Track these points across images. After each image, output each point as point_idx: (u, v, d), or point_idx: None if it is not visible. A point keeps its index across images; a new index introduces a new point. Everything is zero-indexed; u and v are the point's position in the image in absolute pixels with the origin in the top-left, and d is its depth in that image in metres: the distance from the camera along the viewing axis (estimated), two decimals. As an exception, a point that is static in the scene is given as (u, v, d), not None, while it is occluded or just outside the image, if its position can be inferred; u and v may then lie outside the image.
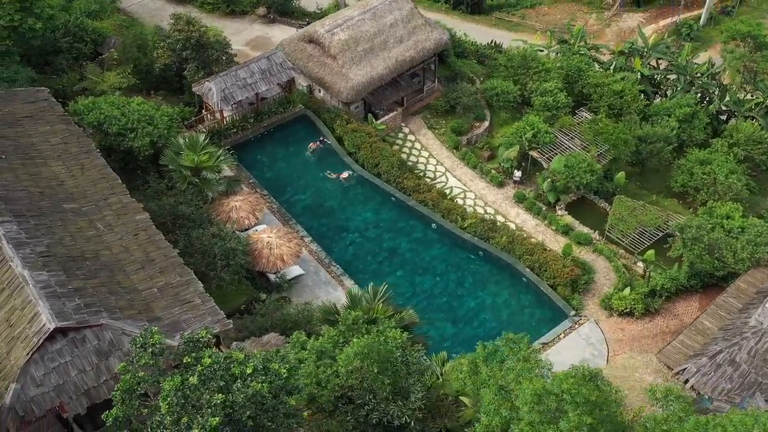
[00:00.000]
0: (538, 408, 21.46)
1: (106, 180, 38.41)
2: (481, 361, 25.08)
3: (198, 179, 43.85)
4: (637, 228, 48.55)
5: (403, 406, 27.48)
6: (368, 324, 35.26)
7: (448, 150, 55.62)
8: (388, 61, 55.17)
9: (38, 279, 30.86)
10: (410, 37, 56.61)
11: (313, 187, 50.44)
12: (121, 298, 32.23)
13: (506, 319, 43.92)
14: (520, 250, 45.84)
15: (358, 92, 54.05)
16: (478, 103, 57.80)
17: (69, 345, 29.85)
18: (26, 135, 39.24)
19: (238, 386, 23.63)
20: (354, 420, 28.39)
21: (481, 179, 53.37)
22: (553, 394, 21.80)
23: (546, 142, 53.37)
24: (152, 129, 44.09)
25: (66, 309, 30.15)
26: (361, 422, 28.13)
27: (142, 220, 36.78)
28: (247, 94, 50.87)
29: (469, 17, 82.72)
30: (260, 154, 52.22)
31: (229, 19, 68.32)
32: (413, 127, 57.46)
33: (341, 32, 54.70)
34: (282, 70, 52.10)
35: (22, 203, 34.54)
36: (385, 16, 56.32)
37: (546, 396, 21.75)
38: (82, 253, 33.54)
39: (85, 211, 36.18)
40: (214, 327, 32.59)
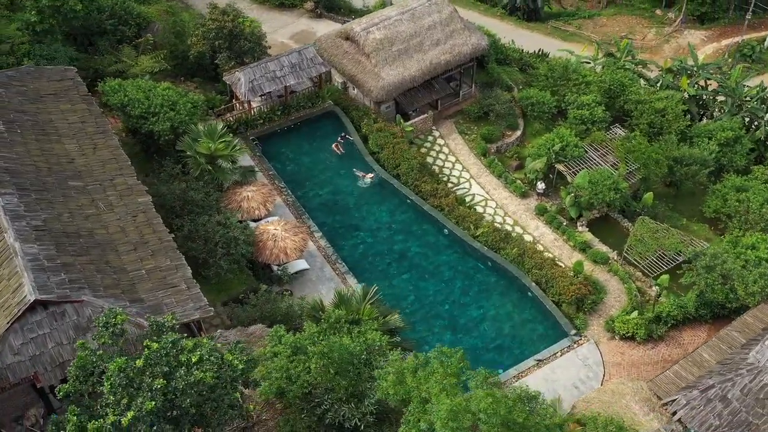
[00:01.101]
0: (452, 425, 21.18)
1: (116, 161, 39.34)
2: (409, 371, 24.85)
3: (212, 167, 44.49)
4: (657, 251, 47.37)
5: (355, 408, 27.46)
6: (351, 324, 35.32)
7: (475, 157, 55.15)
8: (422, 63, 54.99)
9: (28, 251, 31.87)
10: (447, 41, 56.28)
11: (332, 184, 50.71)
12: (107, 276, 33.02)
13: (507, 331, 43.40)
14: (530, 263, 45.19)
15: (389, 92, 54.04)
16: (512, 112, 57.12)
17: (49, 318, 30.74)
18: (46, 112, 40.50)
19: (181, 373, 23.98)
20: (308, 417, 28.49)
21: (505, 189, 52.77)
22: (469, 413, 21.49)
23: (574, 156, 52.47)
24: (174, 115, 44.96)
25: (49, 283, 31.05)
26: (315, 421, 28.21)
27: (143, 202, 37.58)
28: (276, 86, 51.41)
29: (524, 24, 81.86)
30: (284, 146, 52.74)
31: (277, 11, 69.14)
32: (444, 131, 57.15)
33: (377, 31, 54.76)
34: (312, 65, 52.47)
35: (27, 177, 35.69)
36: (424, 18, 56.14)
37: (462, 413, 21.46)
38: (77, 230, 34.49)
39: (89, 189, 37.17)
40: (193, 313, 33.13)
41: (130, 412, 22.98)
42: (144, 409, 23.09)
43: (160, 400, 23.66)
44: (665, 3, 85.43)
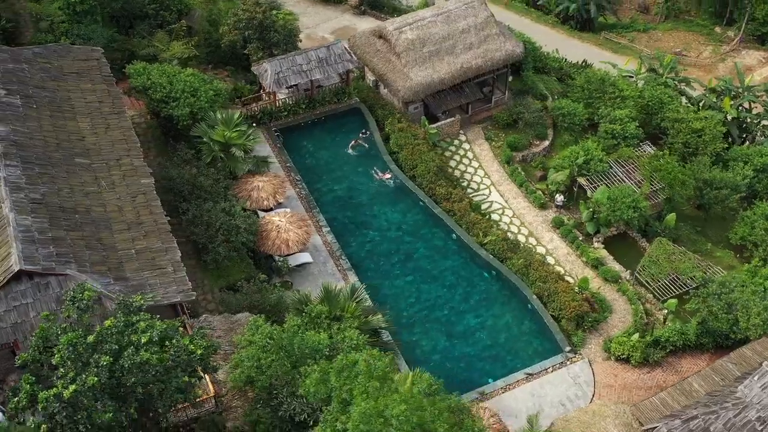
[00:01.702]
0: (363, 427, 21.10)
1: (126, 142, 40.33)
2: (334, 371, 24.81)
3: (225, 155, 45.18)
4: (670, 275, 46.25)
5: (306, 404, 27.60)
6: (332, 320, 35.50)
7: (499, 164, 54.65)
8: (453, 66, 54.71)
9: (21, 223, 32.97)
10: (480, 45, 55.87)
11: (348, 180, 50.94)
12: (96, 253, 33.91)
13: (502, 342, 42.95)
14: (535, 275, 44.57)
15: (416, 93, 53.96)
16: (541, 121, 56.39)
17: (33, 288, 31.74)
18: (66, 89, 41.75)
19: (129, 353, 24.51)
20: (268, 408, 28.79)
21: (525, 198, 52.15)
22: (382, 417, 21.37)
23: (597, 170, 51.53)
24: (194, 101, 45.84)
25: (36, 255, 32.07)
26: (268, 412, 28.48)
27: (146, 184, 38.45)
28: (301, 80, 51.90)
29: (576, 34, 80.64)
30: (306, 140, 53.19)
31: (322, 5, 69.69)
32: (471, 136, 56.79)
33: (409, 31, 54.71)
34: (340, 61, 52.78)
35: (34, 151, 36.89)
36: (458, 22, 55.84)
37: (375, 417, 21.36)
38: (74, 206, 35.50)
39: (94, 167, 38.21)
40: (175, 296, 33.77)
41: (73, 386, 23.60)
42: (86, 384, 23.69)
43: (105, 377, 24.24)
44: (726, 21, 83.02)
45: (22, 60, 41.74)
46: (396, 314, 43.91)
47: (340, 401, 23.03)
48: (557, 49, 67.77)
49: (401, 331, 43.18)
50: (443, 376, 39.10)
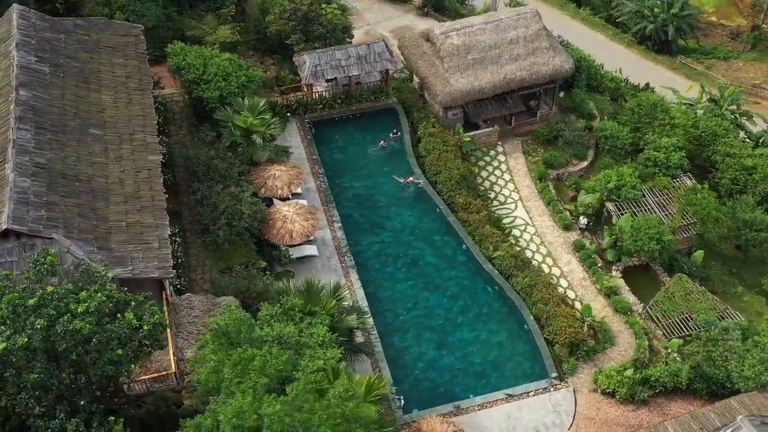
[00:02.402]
0: (235, 422, 21.28)
1: (143, 118, 41.69)
2: (230, 363, 24.95)
3: (246, 141, 46.07)
4: (683, 313, 44.60)
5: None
6: (306, 315, 35.81)
7: (531, 179, 53.70)
8: (496, 75, 54.06)
9: (19, 185, 34.63)
10: (527, 58, 54.97)
11: (371, 179, 51.13)
12: (86, 221, 35.28)
13: (491, 359, 42.36)
14: (537, 296, 43.71)
15: (455, 99, 53.60)
16: (581, 141, 55.07)
17: (19, 248, 33.33)
18: (97, 62, 43.46)
19: (64, 320, 25.49)
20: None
21: (550, 217, 51.13)
22: (256, 414, 21.51)
23: (628, 197, 50.02)
24: (225, 85, 46.92)
25: (27, 216, 33.64)
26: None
27: (152, 160, 39.72)
28: (338, 75, 52.35)
29: (651, 56, 78.13)
30: (337, 134, 53.66)
31: (388, 3, 69.93)
32: (508, 148, 56.00)
33: (456, 37, 54.38)
34: (379, 59, 52.96)
35: (50, 118, 38.57)
36: (508, 32, 55.11)
37: (249, 414, 21.52)
38: (77, 174, 37.01)
39: (106, 139, 39.70)
40: (153, 271, 34.79)
41: (3, 344, 24.73)
42: (17, 344, 24.78)
43: (38, 339, 25.28)
44: (816, 57, 78.90)
45: (61, 30, 43.60)
46: (392, 317, 44.05)
47: (227, 393, 23.37)
48: (620, 69, 65.86)
49: (393, 334, 43.21)
50: (426, 384, 39.58)
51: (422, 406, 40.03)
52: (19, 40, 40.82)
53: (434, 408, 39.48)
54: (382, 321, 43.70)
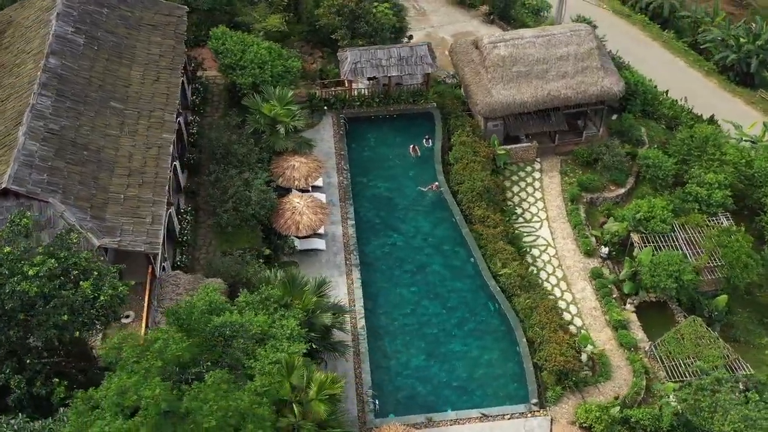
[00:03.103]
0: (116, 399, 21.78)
1: (167, 97, 43.01)
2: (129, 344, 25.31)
3: (270, 129, 46.85)
4: (689, 357, 42.94)
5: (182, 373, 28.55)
6: (282, 306, 36.26)
7: (563, 200, 52.51)
8: (539, 91, 53.06)
9: (28, 147, 36.38)
10: (575, 76, 53.70)
11: (394, 181, 51.12)
12: (86, 190, 36.75)
13: (477, 376, 41.84)
14: (535, 319, 42.85)
15: (494, 110, 52.95)
16: (621, 167, 53.40)
17: (17, 207, 34.89)
18: (134, 39, 45.05)
19: (13, 280, 26.76)
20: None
21: (573, 240, 49.95)
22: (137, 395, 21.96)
23: (656, 230, 48.35)
24: (259, 72, 47.85)
25: (27, 178, 35.31)
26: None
27: (165, 138, 40.96)
28: (377, 74, 52.52)
29: (730, 87, 74.63)
30: (370, 133, 53.87)
31: (456, 7, 69.42)
32: (546, 166, 54.89)
33: (503, 48, 53.70)
34: (420, 63, 52.79)
35: (73, 87, 40.27)
36: (558, 48, 54.00)
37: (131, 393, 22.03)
38: (87, 143, 38.57)
39: (125, 113, 41.17)
40: (140, 245, 35.97)
41: (-47, 299, 26.23)
42: (-37, 298, 26.24)
43: (-15, 297, 26.68)
44: None
45: (105, 5, 45.39)
46: (387, 321, 44.08)
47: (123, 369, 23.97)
48: (685, 98, 63.43)
49: (385, 337, 43.25)
50: (406, 391, 39.53)
51: (399, 413, 39.99)
52: (61, 11, 42.71)
53: (406, 417, 39.32)
54: (377, 323, 43.81)
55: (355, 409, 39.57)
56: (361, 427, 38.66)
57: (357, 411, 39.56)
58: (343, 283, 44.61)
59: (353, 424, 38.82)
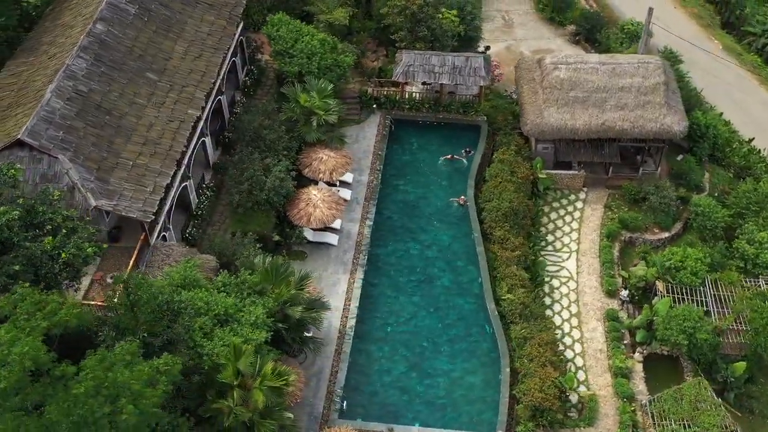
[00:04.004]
0: None
1: (203, 74, 44.52)
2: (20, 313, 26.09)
3: (304, 119, 47.59)
4: (683, 420, 40.83)
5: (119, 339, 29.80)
6: (256, 293, 37.02)
7: (599, 235, 50.68)
8: (594, 119, 51.31)
9: (51, 104, 38.66)
10: (635, 109, 51.56)
11: (426, 189, 50.88)
12: (97, 152, 38.68)
13: (455, 397, 41.27)
14: (526, 351, 41.77)
15: (542, 132, 51.70)
16: (669, 210, 50.91)
17: (28, 158, 37.36)
18: (188, 15, 46.77)
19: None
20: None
21: (597, 277, 48.23)
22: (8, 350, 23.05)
23: (683, 281, 46.00)
24: (306, 62, 48.70)
25: (43, 133, 37.56)
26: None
27: (189, 114, 42.48)
28: (428, 79, 52.29)
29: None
30: (413, 137, 53.71)
31: (545, 23, 67.88)
32: (592, 197, 53.04)
33: (564, 70, 52.31)
34: (474, 74, 52.11)
35: (113, 53, 42.35)
36: (622, 78, 52.05)
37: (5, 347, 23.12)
38: (112, 108, 40.53)
39: (158, 85, 42.92)
40: (134, 211, 37.57)
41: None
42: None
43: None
44: None
45: (167, -21, 47.39)
46: (380, 325, 44.15)
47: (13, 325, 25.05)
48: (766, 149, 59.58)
49: (374, 341, 43.34)
50: (381, 398, 39.65)
51: (368, 418, 40.07)
52: (121, -20, 44.95)
53: (369, 423, 39.33)
54: (370, 326, 43.93)
55: (321, 406, 39.88)
56: (321, 425, 38.93)
57: (323, 408, 39.84)
58: (344, 282, 44.93)
59: (315, 420, 39.20)
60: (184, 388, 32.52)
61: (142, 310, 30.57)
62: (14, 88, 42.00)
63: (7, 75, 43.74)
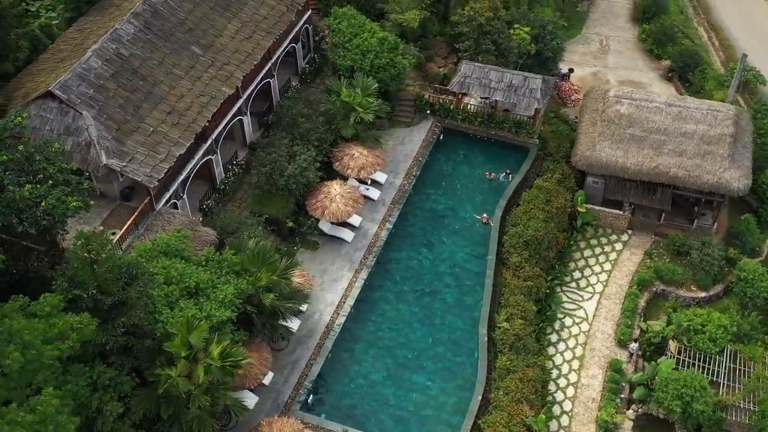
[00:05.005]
0: None
1: (248, 56, 45.83)
2: None
3: (342, 114, 48.06)
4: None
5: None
6: (234, 273, 37.98)
7: (629, 282, 48.47)
8: (647, 161, 48.96)
9: (89, 63, 41.05)
10: (693, 158, 48.80)
11: (456, 202, 50.25)
12: (122, 114, 40.72)
13: (423, 414, 40.81)
14: (505, 383, 40.67)
15: (590, 165, 49.89)
16: (710, 270, 47.89)
17: (56, 110, 39.85)
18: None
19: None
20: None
21: (614, 325, 46.27)
22: None
23: (698, 346, 43.44)
24: (359, 58, 49.21)
25: (74, 89, 39.98)
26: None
27: (222, 91, 43.87)
28: (482, 94, 51.44)
29: None
30: (459, 149, 53.01)
31: (642, 54, 65.02)
32: (634, 241, 50.72)
33: (626, 105, 50.29)
34: (529, 96, 50.76)
35: (163, 23, 44.28)
36: (687, 123, 49.40)
37: None
38: (147, 75, 42.52)
39: (201, 60, 44.57)
40: (140, 175, 39.36)
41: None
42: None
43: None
44: None
45: (242, -38, 48.96)
46: (371, 327, 44.21)
47: None
48: None
49: (359, 342, 43.49)
50: (350, 400, 40.39)
51: (331, 417, 40.35)
52: (192, -43, 46.83)
53: (327, 421, 39.60)
54: (361, 327, 44.07)
55: (287, 395, 40.45)
56: (281, 414, 39.49)
57: (288, 398, 40.40)
58: (347, 279, 45.23)
59: (277, 407, 39.85)
60: (136, 350, 33.86)
61: (101, 268, 32.02)
62: (73, 44, 44.75)
63: (74, 30, 46.62)
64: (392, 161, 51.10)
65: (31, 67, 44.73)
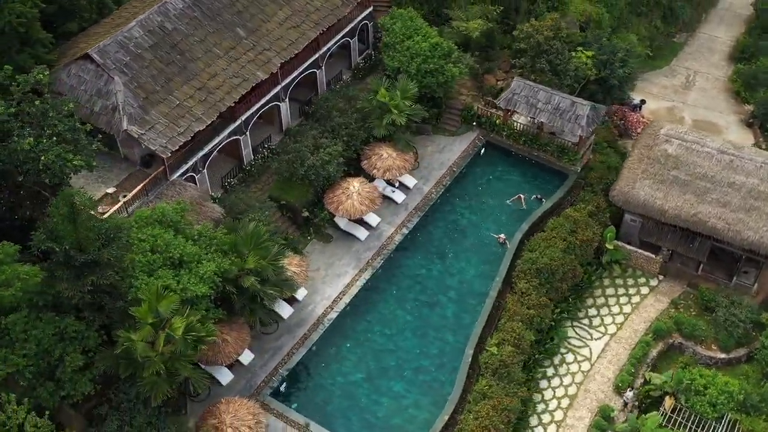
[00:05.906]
0: None
1: (290, 45, 46.76)
2: None
3: (377, 113, 48.17)
4: None
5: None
6: (222, 252, 39.00)
7: (647, 327, 46.37)
8: (687, 207, 46.55)
9: (131, 33, 43.16)
10: (737, 212, 45.95)
11: (481, 218, 49.45)
12: (151, 84, 42.53)
13: (391, 422, 40.63)
14: (477, 408, 39.70)
15: (627, 202, 47.93)
16: (732, 331, 45.14)
17: (92, 72, 42.29)
18: (309, -12, 49.11)
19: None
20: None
21: (616, 370, 44.41)
22: None
23: (695, 408, 41.28)
24: (406, 60, 49.28)
25: (111, 54, 42.17)
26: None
27: (257, 75, 44.97)
28: (527, 113, 50.29)
29: None
30: (498, 164, 52.05)
31: (727, 95, 61.72)
32: (663, 287, 48.41)
33: (675, 146, 48.16)
34: (574, 122, 49.14)
35: (213, 3, 45.77)
36: (736, 173, 46.72)
37: None
38: (186, 50, 44.17)
39: (242, 43, 45.80)
40: (156, 145, 41.04)
41: None
42: None
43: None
44: None
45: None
46: (363, 327, 44.35)
47: None
48: None
49: (348, 340, 43.70)
50: (324, 395, 41.18)
51: (301, 409, 40.84)
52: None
53: (292, 411, 40.12)
54: (353, 326, 44.22)
55: (261, 378, 41.20)
56: (250, 396, 40.26)
57: (261, 381, 41.14)
58: (349, 276, 45.49)
59: (249, 388, 40.63)
60: (108, 309, 35.44)
61: (81, 226, 33.67)
62: (133, 12, 46.90)
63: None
64: (426, 167, 50.80)
65: (91, 29, 47.13)
